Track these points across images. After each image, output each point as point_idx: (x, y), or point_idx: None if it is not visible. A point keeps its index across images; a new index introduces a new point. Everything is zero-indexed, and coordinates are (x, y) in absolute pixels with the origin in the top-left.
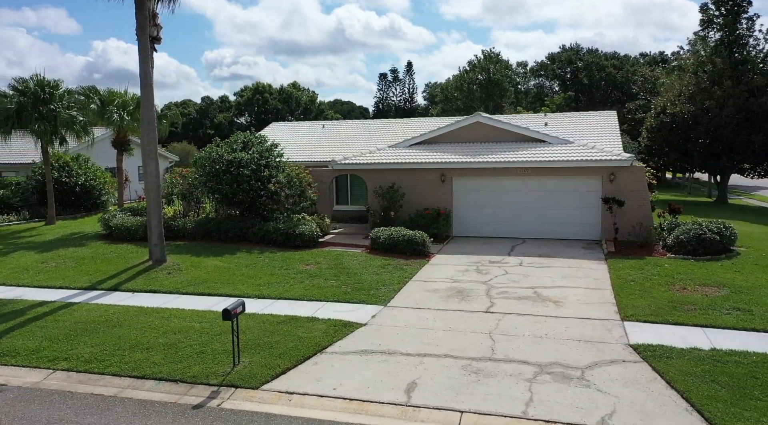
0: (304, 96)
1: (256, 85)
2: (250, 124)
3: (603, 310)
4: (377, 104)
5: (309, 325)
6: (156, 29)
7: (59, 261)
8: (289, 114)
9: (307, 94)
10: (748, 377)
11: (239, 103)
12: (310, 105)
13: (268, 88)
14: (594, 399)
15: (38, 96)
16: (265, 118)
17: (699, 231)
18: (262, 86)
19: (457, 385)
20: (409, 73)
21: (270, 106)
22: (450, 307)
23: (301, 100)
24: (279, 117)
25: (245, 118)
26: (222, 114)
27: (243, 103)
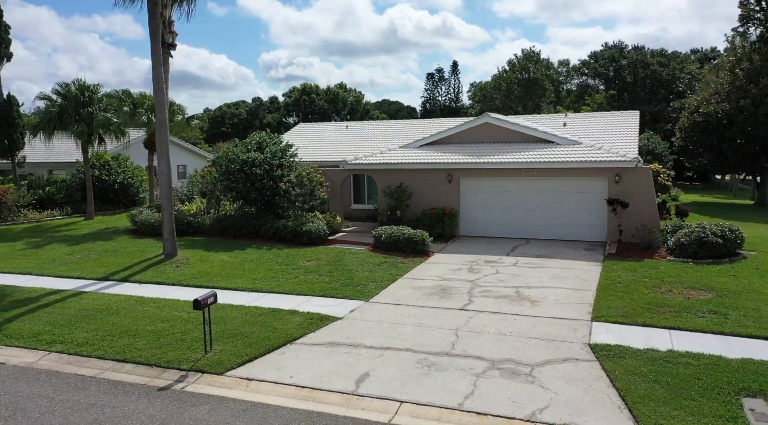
0: (350, 96)
1: (304, 86)
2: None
3: (577, 311)
4: (424, 104)
5: (288, 318)
6: (171, 36)
7: (84, 253)
8: (335, 114)
9: (354, 94)
10: (692, 378)
11: (287, 104)
12: (356, 105)
13: (315, 88)
14: (533, 394)
15: (78, 99)
16: (312, 119)
17: (701, 234)
18: (309, 87)
19: (407, 377)
20: (455, 73)
21: (317, 106)
22: (428, 304)
23: (347, 100)
24: (325, 117)
25: (293, 118)
26: (271, 114)
27: (291, 103)
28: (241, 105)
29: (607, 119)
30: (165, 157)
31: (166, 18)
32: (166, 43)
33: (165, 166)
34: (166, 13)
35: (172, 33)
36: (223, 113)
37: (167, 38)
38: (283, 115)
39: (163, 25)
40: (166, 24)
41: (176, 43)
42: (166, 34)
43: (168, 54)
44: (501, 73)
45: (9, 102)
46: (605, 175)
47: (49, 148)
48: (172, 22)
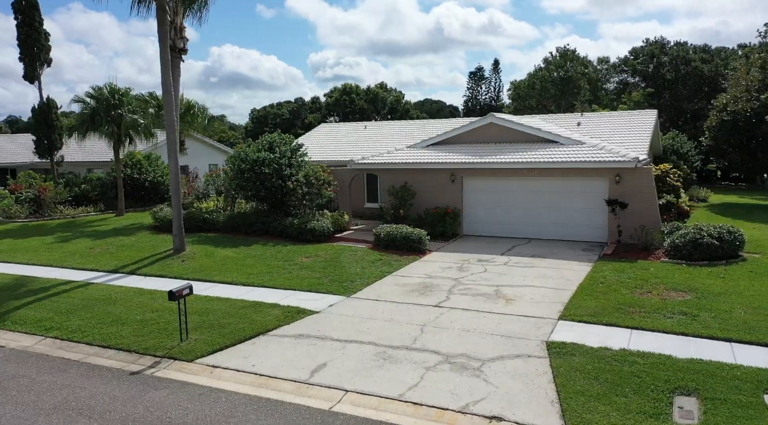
0: (390, 96)
1: (344, 86)
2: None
3: (548, 309)
4: (466, 103)
5: (267, 310)
6: (182, 41)
7: (104, 247)
8: (374, 114)
9: (394, 94)
10: (632, 376)
11: (329, 104)
12: (395, 105)
13: (356, 88)
14: (474, 387)
15: (109, 102)
16: (352, 119)
17: (696, 236)
18: (349, 87)
19: (361, 369)
20: (496, 71)
21: (356, 106)
22: (406, 300)
23: (387, 100)
24: (365, 117)
25: (334, 118)
26: (313, 114)
27: (331, 103)
28: (284, 105)
29: (623, 119)
30: (174, 157)
31: (178, 24)
32: (177, 47)
33: (174, 165)
34: (178, 20)
35: (182, 38)
36: (267, 113)
37: (178, 43)
38: (325, 115)
39: (174, 31)
40: (178, 30)
41: (187, 48)
42: (177, 39)
43: (179, 58)
44: (536, 71)
45: (48, 105)
46: (606, 176)
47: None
48: (184, 28)
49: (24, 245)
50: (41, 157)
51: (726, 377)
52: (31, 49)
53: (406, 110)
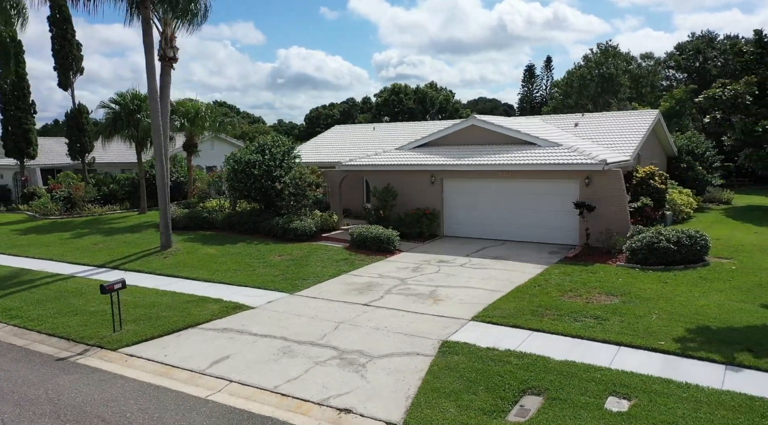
0: (440, 96)
1: (393, 86)
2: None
3: (468, 310)
4: (521, 101)
5: (208, 305)
6: (172, 51)
7: (108, 244)
8: (423, 114)
9: (443, 93)
10: (495, 375)
11: (378, 104)
12: (445, 104)
13: (404, 88)
14: (347, 382)
15: (129, 107)
16: (401, 119)
17: (652, 240)
18: (398, 87)
19: (259, 361)
20: (548, 69)
21: (405, 106)
22: (341, 299)
23: (436, 100)
24: (413, 117)
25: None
26: (363, 114)
27: (380, 103)
28: (336, 106)
29: (622, 119)
30: (160, 162)
31: (168, 35)
32: (167, 56)
33: (160, 168)
34: (168, 30)
35: (172, 48)
36: (319, 114)
37: (168, 53)
38: (375, 114)
39: (165, 41)
40: (168, 40)
41: (177, 57)
42: (167, 49)
43: (170, 66)
44: (575, 69)
45: (79, 110)
46: (576, 178)
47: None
48: (174, 38)
49: (43, 240)
50: (73, 159)
51: (583, 378)
52: (64, 59)
53: (456, 109)
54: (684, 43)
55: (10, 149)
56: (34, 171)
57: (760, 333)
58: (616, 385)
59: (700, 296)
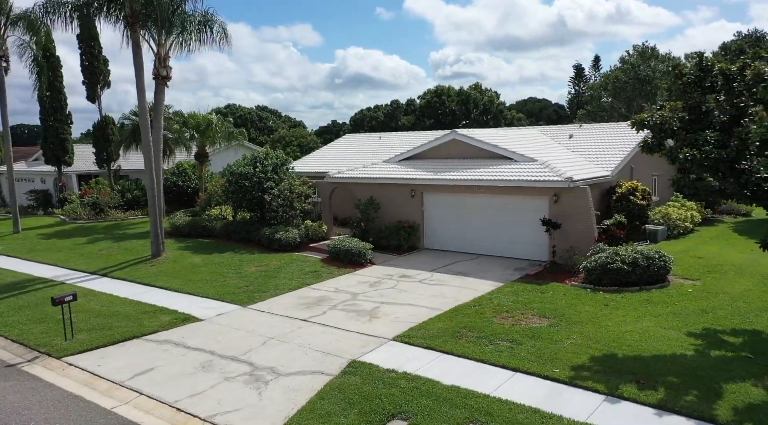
0: (484, 97)
1: (437, 88)
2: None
3: (396, 329)
4: (570, 101)
5: (161, 316)
6: (166, 70)
7: (111, 250)
8: (466, 116)
9: (488, 94)
10: (376, 398)
11: (421, 106)
12: (489, 105)
13: (447, 90)
14: (243, 398)
15: None
16: (443, 121)
17: (607, 260)
18: (441, 89)
19: (178, 374)
20: (596, 68)
21: (447, 108)
22: (286, 313)
23: (479, 101)
24: (455, 119)
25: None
26: (406, 116)
27: (423, 105)
28: (380, 108)
29: (619, 131)
30: (149, 176)
31: (161, 55)
32: (161, 75)
33: (149, 180)
34: (162, 51)
35: (166, 67)
36: (364, 116)
37: (161, 72)
38: (419, 117)
39: (158, 60)
40: (161, 59)
41: (171, 76)
42: (160, 68)
43: (163, 85)
44: (610, 72)
45: (105, 122)
46: (546, 194)
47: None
48: (168, 58)
49: (59, 245)
50: (100, 167)
51: (456, 405)
52: (92, 74)
53: (500, 111)
54: (729, 42)
55: (48, 157)
56: (70, 177)
57: (661, 363)
58: (481, 413)
59: (632, 321)
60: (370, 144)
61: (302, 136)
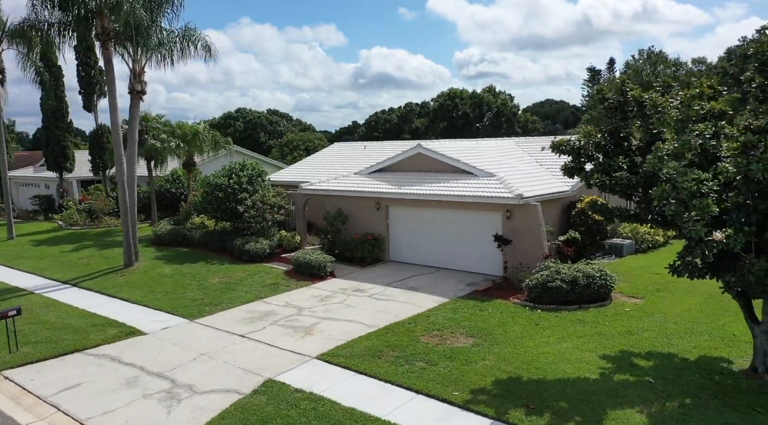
0: (497, 100)
1: (450, 91)
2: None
3: (324, 346)
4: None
5: (108, 330)
6: (141, 85)
7: (92, 259)
8: (479, 119)
9: (501, 97)
10: (270, 420)
11: (434, 109)
12: (502, 108)
13: (460, 93)
14: (151, 417)
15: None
16: (456, 124)
17: (547, 279)
18: (455, 92)
19: (101, 390)
20: (610, 70)
21: (460, 111)
22: (226, 328)
23: (493, 104)
24: (467, 122)
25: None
26: (420, 119)
27: (437, 108)
28: (394, 111)
29: None
30: (122, 188)
31: (137, 70)
32: (136, 90)
33: (122, 193)
34: (137, 66)
35: (141, 82)
36: (378, 118)
37: (136, 87)
38: (432, 119)
39: (134, 75)
40: (136, 75)
41: (146, 91)
42: (135, 83)
43: (138, 99)
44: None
45: (101, 131)
46: (500, 210)
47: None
48: (143, 72)
49: (46, 252)
50: (95, 174)
51: None
52: (88, 84)
53: (513, 114)
54: (734, 47)
55: (50, 164)
56: (71, 183)
57: (560, 387)
58: None
59: (554, 342)
60: (354, 153)
61: (310, 140)
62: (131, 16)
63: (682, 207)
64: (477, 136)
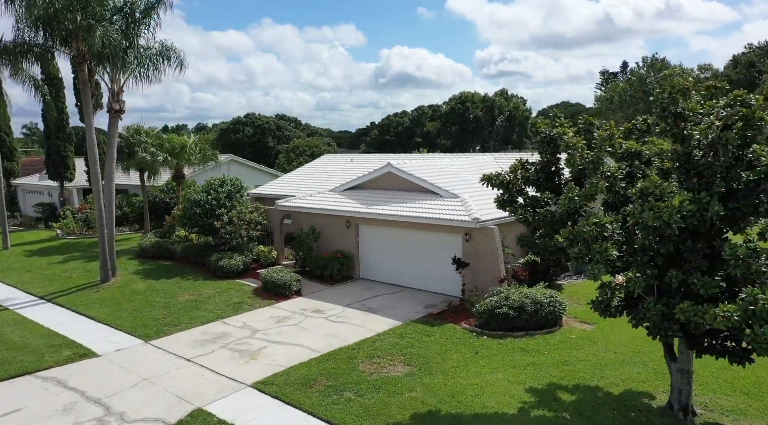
0: (509, 104)
1: (461, 95)
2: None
3: (263, 373)
4: None
5: (64, 351)
6: (118, 104)
7: (75, 272)
8: (490, 122)
9: (513, 101)
10: None
11: (446, 113)
12: (514, 112)
13: (472, 97)
14: None
15: (128, 141)
16: (467, 127)
17: (495, 305)
18: (466, 95)
19: (36, 417)
20: (624, 73)
21: (471, 114)
22: (177, 351)
23: (504, 108)
24: (479, 126)
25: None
26: (431, 122)
27: (448, 112)
28: (406, 114)
29: None
30: (98, 204)
31: (115, 90)
32: (114, 109)
33: (98, 209)
34: (115, 86)
35: (118, 102)
36: (390, 122)
37: (114, 106)
38: (444, 123)
39: (112, 95)
40: (114, 94)
41: (124, 109)
42: (113, 102)
43: (117, 118)
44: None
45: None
46: (460, 233)
47: None
48: (121, 92)
49: (35, 264)
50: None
51: None
52: None
53: (525, 118)
54: (739, 55)
55: (51, 173)
56: (71, 192)
57: (475, 423)
58: None
59: (487, 372)
60: (341, 166)
61: (316, 145)
62: (105, 39)
63: (585, 248)
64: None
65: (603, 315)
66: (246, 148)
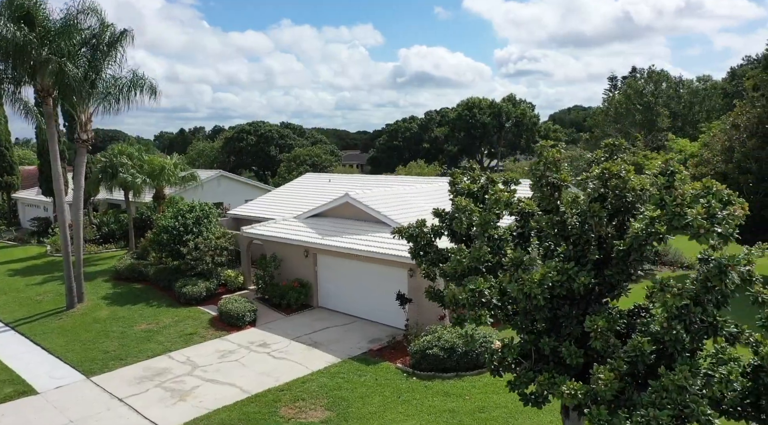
0: (517, 110)
1: (468, 101)
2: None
3: (186, 416)
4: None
5: (5, 388)
6: (86, 134)
7: (48, 295)
8: (498, 129)
9: (521, 107)
10: None
11: (453, 119)
12: (522, 118)
13: (479, 102)
14: None
15: (112, 160)
16: (474, 133)
17: (426, 345)
18: (473, 102)
19: None
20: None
21: (478, 121)
22: (112, 389)
23: (512, 114)
24: (486, 132)
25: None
26: (439, 128)
27: (455, 118)
28: (414, 119)
29: None
30: (63, 225)
31: (83, 120)
32: (81, 139)
33: (63, 238)
34: (83, 116)
35: (87, 132)
36: (398, 127)
37: (82, 135)
38: (451, 128)
39: (80, 126)
40: (82, 124)
41: (91, 139)
42: (81, 132)
43: (84, 148)
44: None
45: None
46: (404, 268)
47: None
48: (90, 122)
49: (11, 285)
50: None
51: None
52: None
53: (533, 123)
54: (736, 68)
55: (44, 189)
56: None
57: None
58: None
59: (401, 420)
60: (320, 188)
61: (317, 154)
62: (60, 74)
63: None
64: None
65: (493, 375)
66: (250, 157)
